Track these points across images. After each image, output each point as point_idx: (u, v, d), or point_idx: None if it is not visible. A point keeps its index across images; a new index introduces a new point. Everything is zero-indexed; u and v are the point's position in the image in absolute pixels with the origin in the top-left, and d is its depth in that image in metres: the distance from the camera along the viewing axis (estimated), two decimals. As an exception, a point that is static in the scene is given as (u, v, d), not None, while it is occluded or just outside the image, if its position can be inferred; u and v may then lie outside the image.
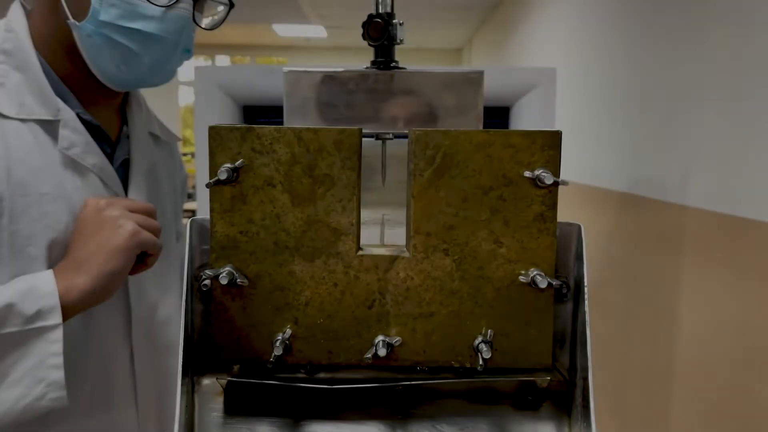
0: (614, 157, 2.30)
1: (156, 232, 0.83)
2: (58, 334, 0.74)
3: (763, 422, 1.38)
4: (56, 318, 0.73)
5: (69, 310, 0.76)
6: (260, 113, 1.84)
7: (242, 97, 1.83)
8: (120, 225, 0.78)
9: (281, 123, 0.85)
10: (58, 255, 0.80)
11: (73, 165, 0.84)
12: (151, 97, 1.10)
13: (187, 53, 0.90)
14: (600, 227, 2.27)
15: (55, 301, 0.74)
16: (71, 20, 0.82)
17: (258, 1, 6.09)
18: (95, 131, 0.88)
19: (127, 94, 0.97)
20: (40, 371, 0.73)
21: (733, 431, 1.49)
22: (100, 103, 0.91)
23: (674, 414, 1.77)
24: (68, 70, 0.86)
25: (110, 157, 0.90)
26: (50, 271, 0.77)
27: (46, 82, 0.83)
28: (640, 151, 2.07)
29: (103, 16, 0.81)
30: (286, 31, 7.79)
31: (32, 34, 0.84)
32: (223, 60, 9.76)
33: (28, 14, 0.86)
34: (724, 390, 1.54)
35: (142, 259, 0.83)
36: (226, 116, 1.80)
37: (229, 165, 0.75)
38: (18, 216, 0.78)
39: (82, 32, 0.82)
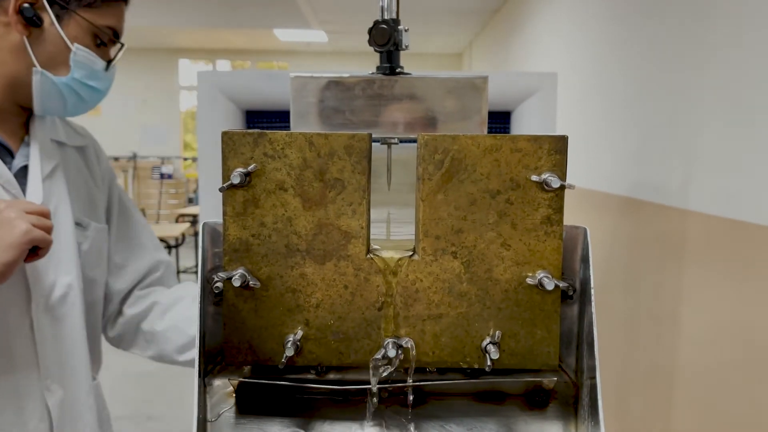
0: (615, 160, 2.32)
1: (48, 230, 0.94)
2: None
3: (765, 425, 1.39)
4: None
5: None
6: (262, 118, 1.85)
7: (244, 102, 1.84)
8: (14, 225, 0.90)
9: (284, 127, 0.87)
10: None
11: None
12: (152, 101, 1.16)
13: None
14: (601, 231, 2.29)
15: None
16: (37, 68, 1.00)
17: (259, 6, 6.13)
18: None
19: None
20: None
21: (736, 433, 1.50)
22: (9, 121, 1.07)
23: (676, 417, 1.78)
24: None
25: (10, 165, 1.05)
26: None
27: None
28: (641, 154, 2.09)
29: (75, 74, 1.03)
30: (287, 35, 7.83)
31: None
32: (224, 65, 9.79)
33: None
34: (725, 394, 1.55)
35: (35, 251, 0.94)
36: (228, 120, 1.81)
37: (241, 169, 0.76)
38: None
39: (46, 80, 1.01)
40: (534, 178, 0.76)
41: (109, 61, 1.08)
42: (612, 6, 2.49)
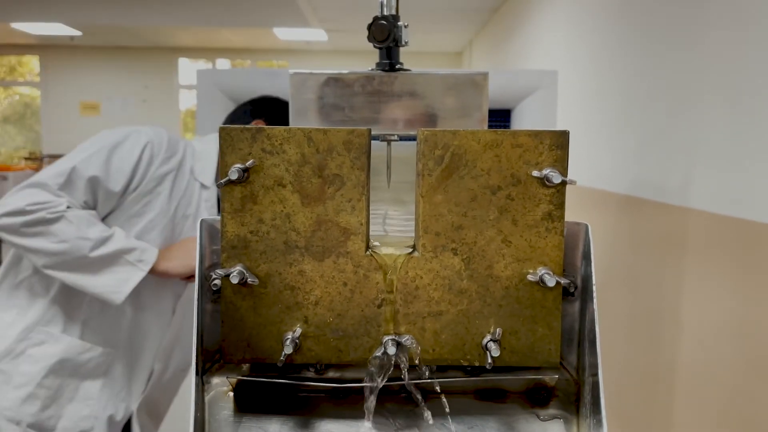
0: (615, 158, 2.31)
1: None
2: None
3: (766, 423, 1.38)
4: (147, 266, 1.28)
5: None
6: (262, 116, 1.85)
7: (244, 100, 1.83)
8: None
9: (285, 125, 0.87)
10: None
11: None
12: (152, 101, 1.17)
13: None
14: (601, 230, 2.28)
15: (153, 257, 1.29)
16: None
17: (259, 5, 6.11)
18: None
19: None
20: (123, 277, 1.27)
21: None
22: None
23: (676, 415, 1.77)
24: None
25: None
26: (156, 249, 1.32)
27: None
28: (642, 153, 2.08)
29: None
30: (286, 34, 7.81)
31: None
32: (223, 64, 9.78)
33: None
34: (726, 392, 1.54)
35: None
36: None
37: (239, 165, 0.75)
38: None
39: None
40: (535, 173, 0.75)
41: None
42: (612, 4, 2.48)
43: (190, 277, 1.32)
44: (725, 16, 1.59)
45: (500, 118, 1.85)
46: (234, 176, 0.75)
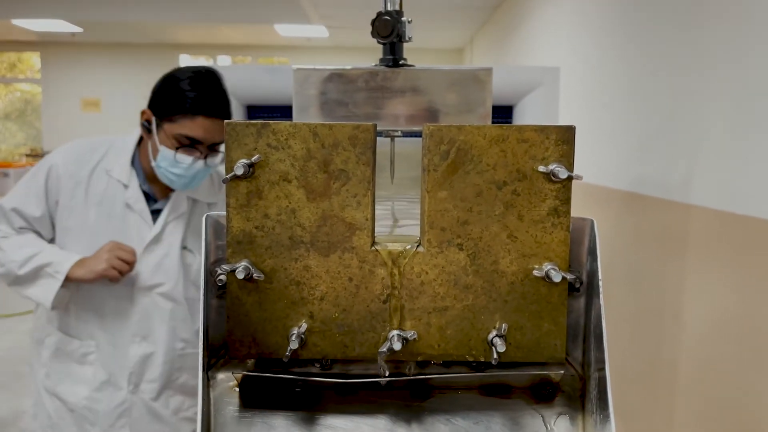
0: (617, 155, 2.30)
1: (127, 263, 1.49)
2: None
3: (766, 421, 1.39)
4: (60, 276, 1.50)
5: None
6: (264, 112, 1.85)
7: (246, 97, 1.83)
8: (100, 261, 1.47)
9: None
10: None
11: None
12: None
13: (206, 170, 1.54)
14: (603, 226, 2.27)
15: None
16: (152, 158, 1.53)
17: (260, 2, 6.10)
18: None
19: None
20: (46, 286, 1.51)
21: (736, 429, 1.50)
22: (160, 182, 1.57)
23: (677, 411, 1.77)
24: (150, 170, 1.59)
25: (151, 207, 1.59)
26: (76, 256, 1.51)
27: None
28: (644, 149, 2.08)
29: (160, 164, 1.50)
30: (287, 31, 7.80)
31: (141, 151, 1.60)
32: (224, 60, 9.77)
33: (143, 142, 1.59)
34: (727, 388, 1.54)
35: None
36: (230, 116, 1.80)
37: (245, 160, 0.75)
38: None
39: (155, 166, 1.52)
40: (541, 168, 0.75)
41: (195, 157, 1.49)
42: (613, 0, 2.48)
43: (113, 277, 1.49)
44: (728, 13, 1.59)
45: (502, 114, 1.84)
46: (239, 171, 0.75)
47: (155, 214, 1.59)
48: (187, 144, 1.47)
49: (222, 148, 1.42)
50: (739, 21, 1.54)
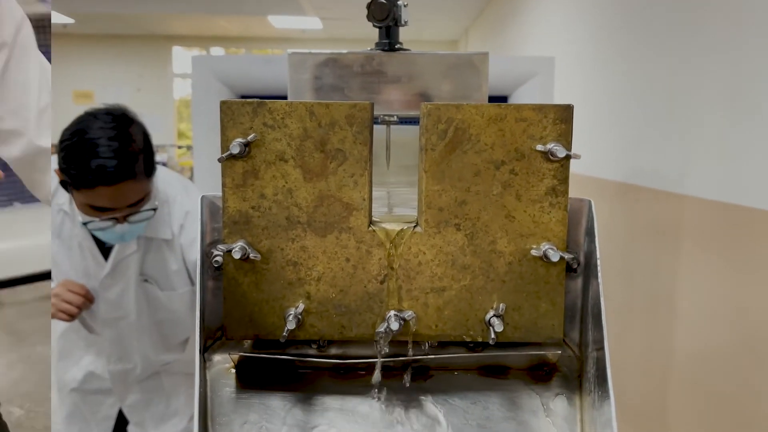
0: (611, 146, 2.30)
1: (74, 301, 1.48)
2: None
3: (760, 412, 1.39)
4: None
5: None
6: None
7: (239, 87, 1.82)
8: (52, 303, 1.48)
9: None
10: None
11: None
12: (146, 90, 1.16)
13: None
14: (597, 217, 2.27)
15: None
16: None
17: (254, -7, 6.07)
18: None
19: None
20: None
21: (731, 420, 1.50)
22: None
23: (671, 403, 1.78)
24: None
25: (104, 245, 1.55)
26: None
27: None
28: (638, 140, 2.08)
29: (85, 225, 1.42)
30: (281, 22, 7.75)
31: None
32: (218, 52, 9.71)
33: None
34: (721, 379, 1.55)
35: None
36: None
37: (241, 139, 0.75)
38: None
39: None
40: (539, 147, 0.75)
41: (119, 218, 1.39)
42: (610, -12, 2.47)
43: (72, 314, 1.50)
44: (726, 4, 1.58)
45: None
46: (235, 150, 0.74)
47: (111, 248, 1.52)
48: (100, 210, 1.36)
49: (145, 207, 1.38)
50: (735, 11, 1.53)
